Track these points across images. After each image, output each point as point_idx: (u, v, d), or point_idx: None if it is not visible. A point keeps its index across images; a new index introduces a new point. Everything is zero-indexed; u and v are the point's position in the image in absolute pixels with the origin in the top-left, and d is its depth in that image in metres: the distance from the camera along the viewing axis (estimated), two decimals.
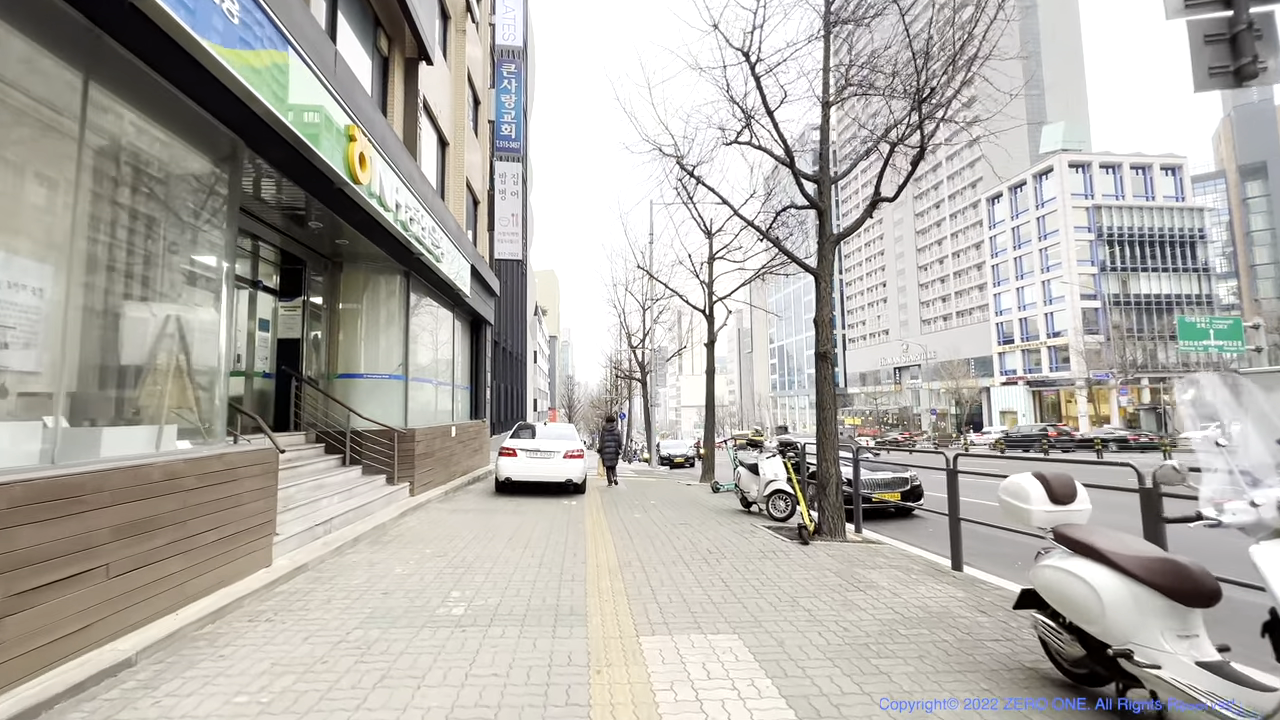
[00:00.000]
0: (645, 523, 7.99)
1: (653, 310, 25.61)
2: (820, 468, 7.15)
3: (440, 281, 10.74)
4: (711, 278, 14.71)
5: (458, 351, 13.64)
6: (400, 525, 7.41)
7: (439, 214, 9.85)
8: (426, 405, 10.91)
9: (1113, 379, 47.36)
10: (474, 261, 12.98)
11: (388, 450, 8.80)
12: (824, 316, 7.45)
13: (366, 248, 8.62)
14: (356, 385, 9.11)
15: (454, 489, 10.89)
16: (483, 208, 16.13)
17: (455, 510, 8.74)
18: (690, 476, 18.13)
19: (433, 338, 11.49)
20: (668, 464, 27.05)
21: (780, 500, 8.12)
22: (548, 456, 10.55)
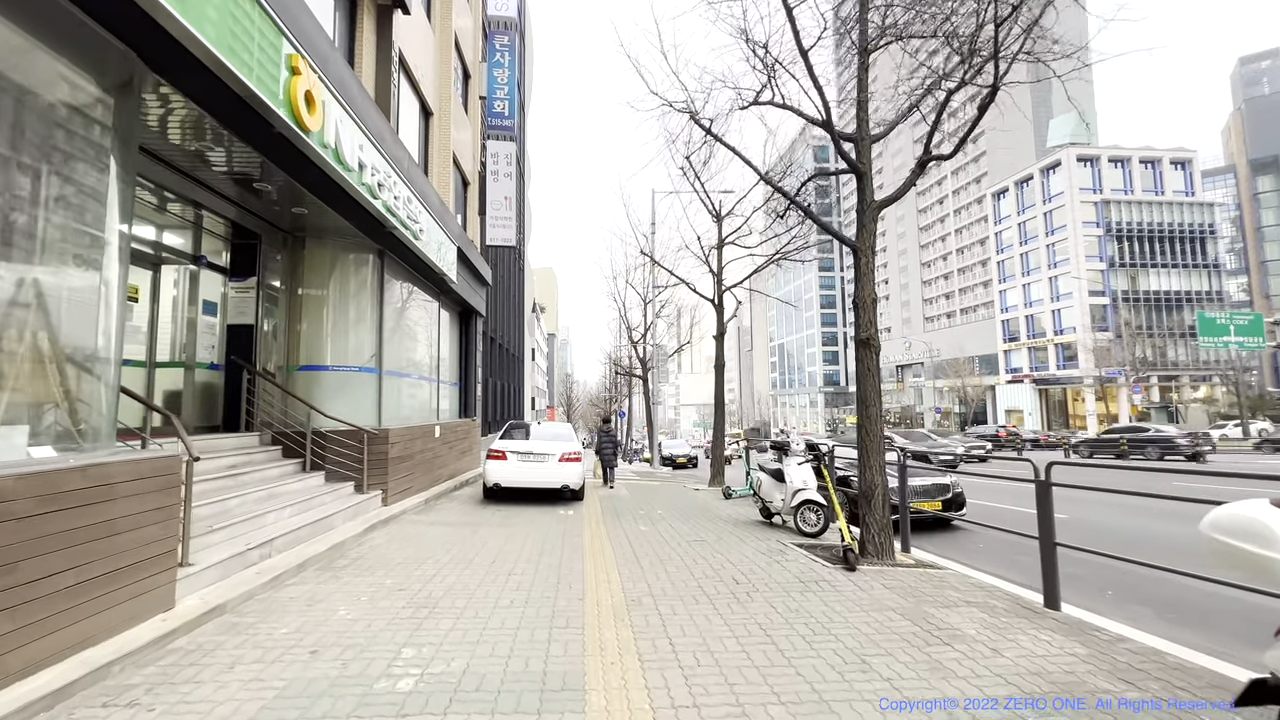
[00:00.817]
0: (654, 538, 6.84)
1: (655, 304, 24.48)
2: (863, 476, 6.01)
3: (421, 264, 9.58)
4: (720, 264, 13.57)
5: (444, 344, 12.49)
6: (364, 544, 6.25)
7: (418, 186, 8.69)
8: (405, 402, 9.75)
9: (1124, 376, 46.25)
10: (462, 245, 11.82)
11: (356, 453, 7.65)
12: (866, 296, 6.31)
13: (332, 220, 7.46)
14: (321, 379, 7.95)
15: (436, 496, 9.73)
16: (473, 190, 14.96)
17: (433, 523, 7.59)
18: (696, 479, 16.98)
19: (413, 327, 10.33)
20: (670, 464, 25.94)
21: (811, 512, 6.98)
22: (541, 460, 9.40)
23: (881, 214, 6.60)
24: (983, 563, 6.33)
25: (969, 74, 6.10)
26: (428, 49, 11.17)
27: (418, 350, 10.59)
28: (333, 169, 5.79)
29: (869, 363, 6.22)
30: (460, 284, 12.36)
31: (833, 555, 5.91)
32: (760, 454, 9.61)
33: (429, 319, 11.37)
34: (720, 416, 13.20)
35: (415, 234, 8.40)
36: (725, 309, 13.80)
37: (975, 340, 68.93)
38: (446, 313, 12.93)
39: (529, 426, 10.80)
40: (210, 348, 7.30)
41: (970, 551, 7.15)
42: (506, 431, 10.29)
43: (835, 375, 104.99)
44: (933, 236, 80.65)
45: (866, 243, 6.43)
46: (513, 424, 10.73)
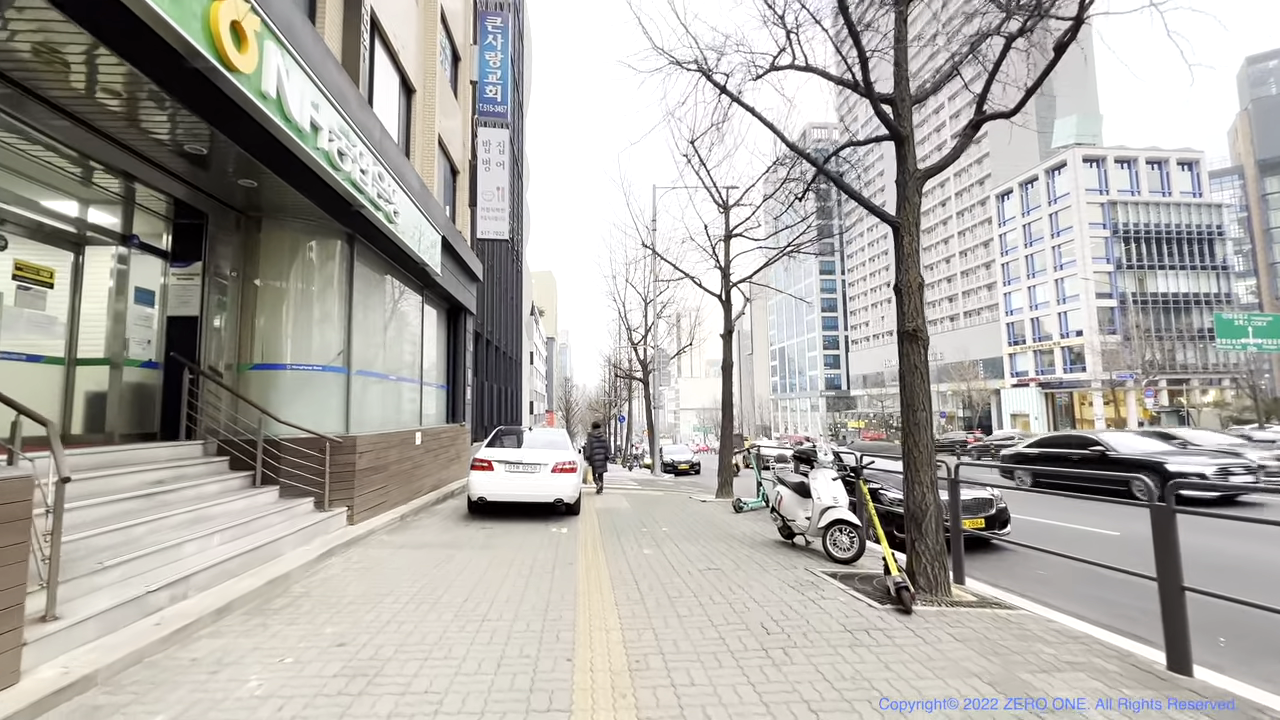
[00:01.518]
0: (659, 565, 5.84)
1: (656, 304, 23.52)
2: (911, 494, 5.01)
3: (399, 253, 8.61)
4: (728, 258, 12.59)
5: (429, 343, 11.50)
6: (314, 574, 5.25)
7: (393, 163, 7.73)
8: (380, 406, 8.76)
9: (1135, 380, 45.29)
10: (448, 235, 10.85)
11: (317, 465, 6.65)
12: (911, 280, 5.33)
13: (291, 199, 6.50)
14: (279, 380, 6.95)
15: (415, 511, 8.72)
16: (463, 179, 14.02)
17: (405, 545, 6.58)
18: (701, 487, 15.96)
19: (392, 324, 9.35)
20: (672, 471, 24.91)
21: (843, 534, 5.98)
22: (532, 470, 8.40)
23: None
24: (1050, 596, 5.34)
25: (1031, 20, 5.14)
26: (409, 20, 10.22)
27: (397, 349, 9.60)
28: (277, 127, 4.83)
29: (915, 358, 5.24)
30: (446, 278, 11.39)
31: (877, 590, 4.92)
32: (778, 465, 8.64)
33: (411, 315, 10.39)
34: (729, 421, 12.21)
35: (389, 216, 7.43)
36: (733, 306, 12.83)
37: (979, 343, 68.03)
38: (433, 309, 11.96)
39: (521, 433, 9.81)
40: (146, 343, 6.31)
41: (1027, 580, 6.16)
42: (495, 438, 9.29)
43: (836, 379, 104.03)
44: (935, 239, 79.79)
45: (910, 218, 5.45)
46: (502, 430, 9.74)
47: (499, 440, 9.20)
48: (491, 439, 9.24)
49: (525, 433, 9.74)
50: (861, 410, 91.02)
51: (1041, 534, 8.62)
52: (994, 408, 65.30)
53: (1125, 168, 56.26)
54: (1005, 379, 63.35)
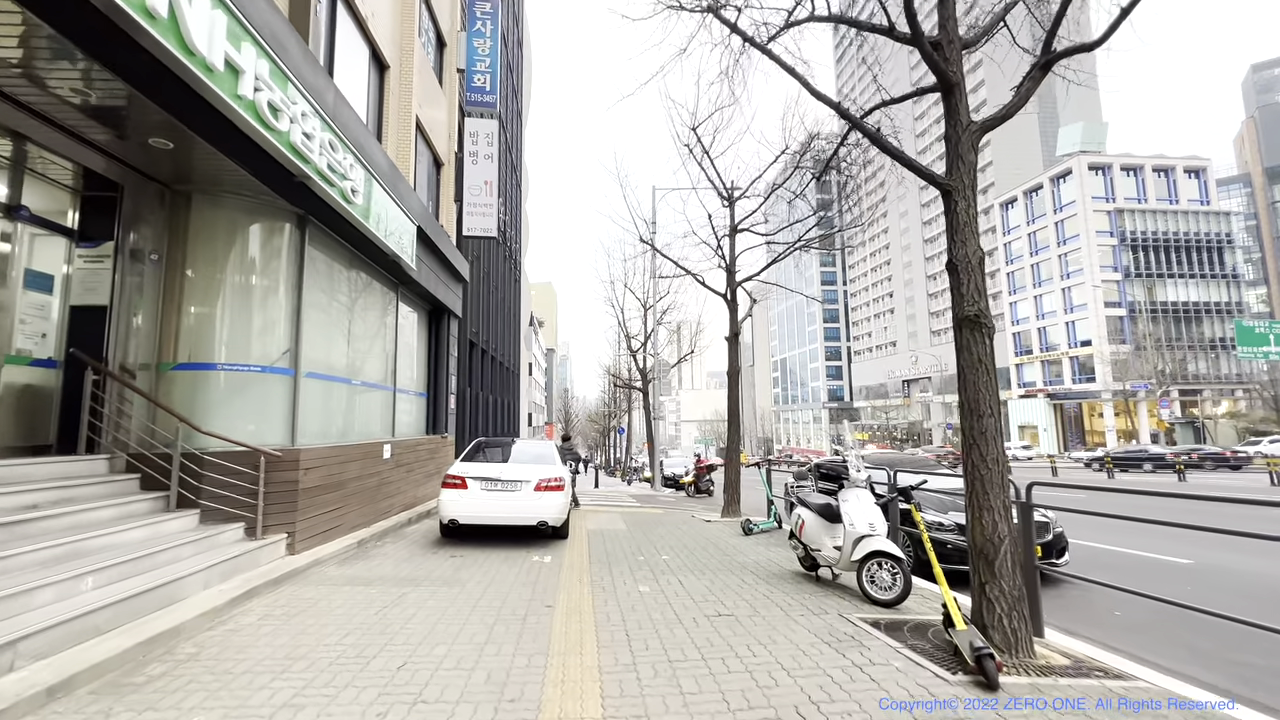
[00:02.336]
0: (658, 610, 4.73)
1: (656, 310, 22.51)
2: (980, 523, 3.93)
3: (365, 242, 7.60)
4: (733, 255, 11.57)
5: (405, 346, 10.45)
6: (216, 628, 4.14)
7: (354, 137, 6.73)
8: (338, 414, 7.69)
9: (1149, 390, 44.12)
10: (426, 227, 9.85)
11: (250, 483, 5.57)
12: (969, 254, 4.29)
13: (226, 169, 5.51)
14: (208, 382, 5.89)
15: (379, 535, 7.62)
16: (448, 173, 13.06)
17: (352, 581, 5.47)
18: (705, 504, 14.81)
19: (356, 322, 8.30)
20: (673, 485, 23.74)
21: (884, 570, 4.88)
22: (512, 489, 7.30)
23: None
24: (1152, 649, 4.25)
25: None
26: None
27: (364, 351, 8.55)
28: (172, 58, 3.82)
29: (978, 350, 4.18)
30: (425, 275, 10.38)
31: (937, 648, 3.81)
32: (799, 481, 7.53)
33: (382, 314, 9.35)
34: (734, 432, 11.12)
35: (345, 195, 6.41)
36: (739, 307, 11.78)
37: None
38: (410, 309, 10.93)
39: (508, 445, 8.70)
40: (41, 337, 5.26)
41: (1106, 624, 5.05)
42: (473, 451, 8.20)
43: (839, 390, 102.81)
44: (939, 248, 79.01)
45: (964, 180, 4.43)
46: (483, 441, 8.64)
47: (477, 453, 8.11)
48: (469, 452, 8.16)
49: (516, 445, 8.64)
50: (865, 422, 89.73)
51: (1096, 561, 7.50)
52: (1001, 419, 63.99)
53: (1131, 175, 55.53)
54: (1012, 390, 62.16)
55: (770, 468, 10.28)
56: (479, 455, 8.02)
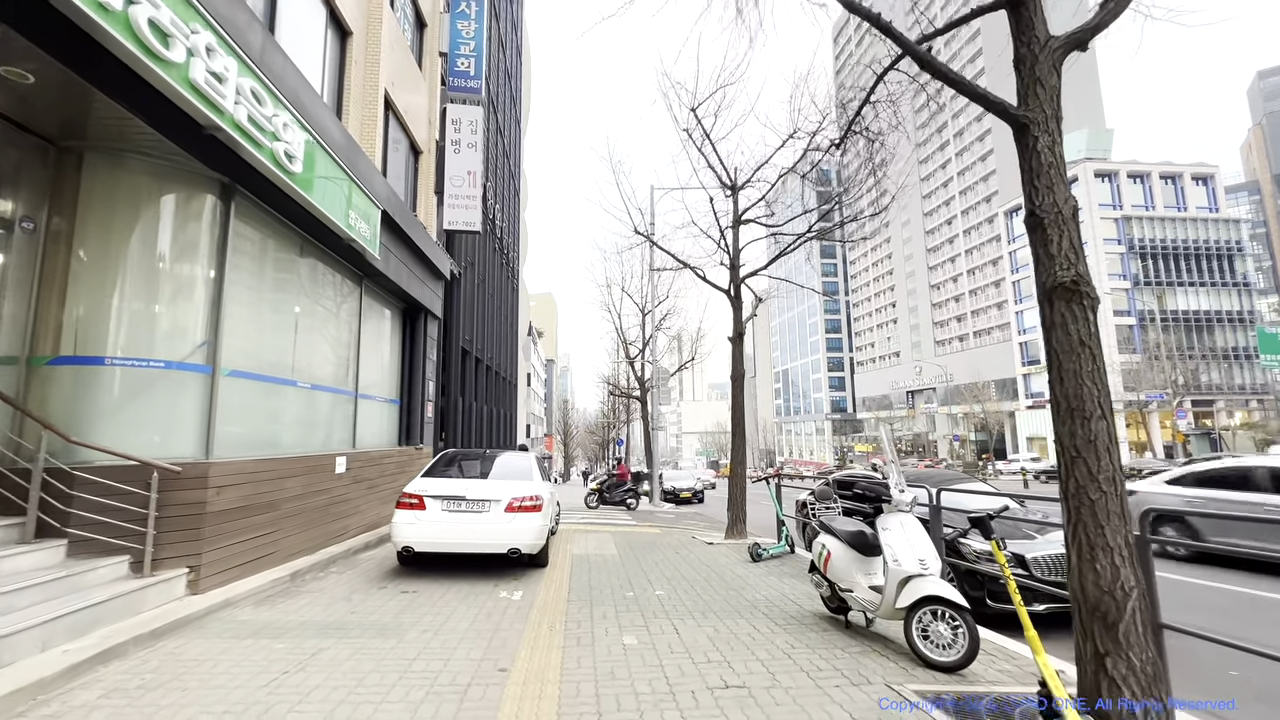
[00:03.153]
0: (645, 677, 3.60)
1: (654, 315, 21.46)
2: (1090, 566, 2.80)
3: (311, 222, 6.55)
4: (736, 248, 10.53)
5: (371, 346, 9.37)
6: (41, 706, 3.02)
7: (291, 91, 5.71)
8: (279, 421, 6.58)
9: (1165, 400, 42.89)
10: (395, 213, 8.83)
11: (140, 505, 4.47)
12: (1058, 203, 3.22)
13: (132, 127, 4.50)
14: (95, 380, 4.80)
15: (325, 564, 6.49)
16: (427, 162, 12.06)
17: (259, 632, 4.33)
18: (705, 521, 13.65)
19: (306, 316, 7.22)
20: (673, 499, 22.53)
21: (941, 621, 3.74)
22: (479, 510, 6.17)
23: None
24: None
25: None
26: None
27: (314, 349, 7.46)
28: None
29: (1079, 329, 3.07)
30: (397, 269, 9.34)
31: None
32: (821, 502, 6.39)
33: (340, 309, 8.28)
34: (740, 441, 9.99)
35: (278, 160, 5.37)
36: (743, 305, 10.71)
37: (991, 364, 65.80)
38: (380, 306, 9.87)
39: (482, 457, 7.56)
40: None
41: (1224, 686, 3.90)
42: (439, 464, 7.07)
43: (842, 402, 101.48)
44: (942, 257, 78.17)
45: (1045, 109, 3.38)
46: (452, 453, 7.49)
47: (443, 468, 6.99)
48: (432, 466, 7.02)
49: (500, 458, 7.48)
50: (868, 433, 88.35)
51: (1192, 601, 6.32)
52: (1007, 431, 62.78)
53: (1138, 182, 54.75)
54: (1020, 400, 60.93)
55: (780, 482, 9.14)
56: (444, 470, 6.89)
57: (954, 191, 75.61)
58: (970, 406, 64.63)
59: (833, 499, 5.42)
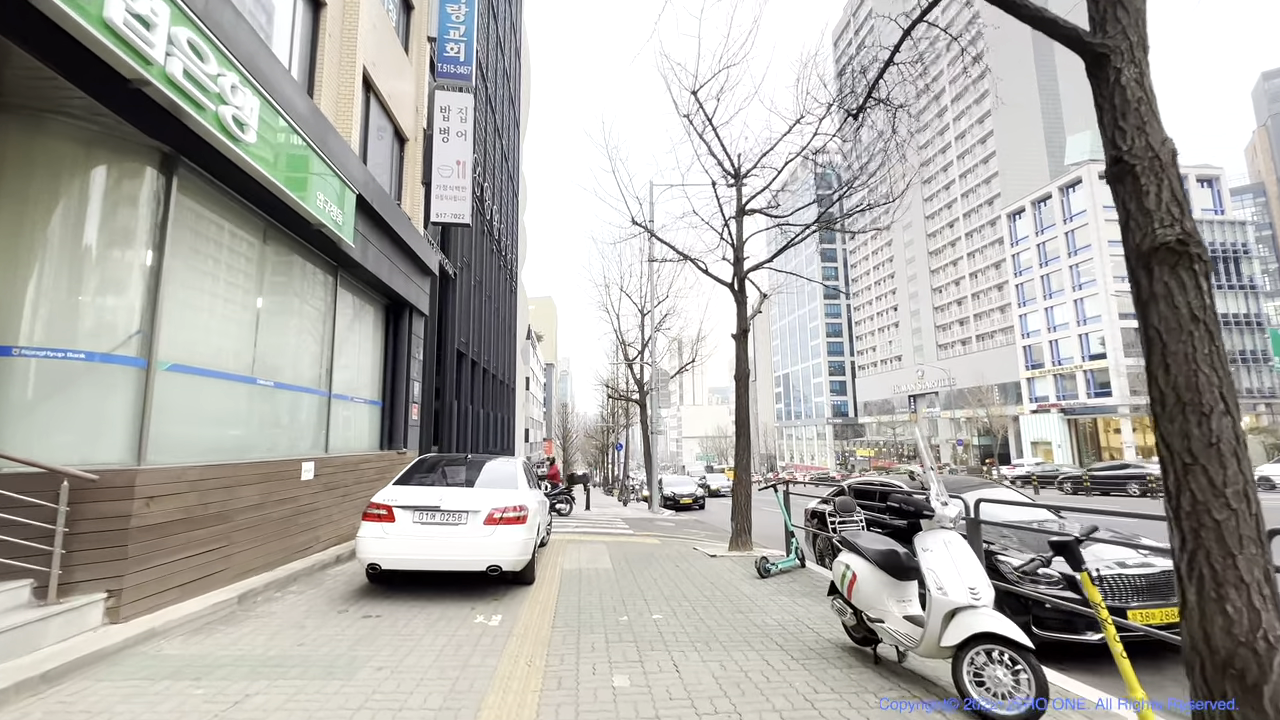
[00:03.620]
0: None
1: (654, 316, 20.82)
2: (1219, 607, 2.13)
3: (272, 202, 5.92)
4: (740, 240, 9.88)
5: (349, 342, 8.72)
6: None
7: (244, 52, 5.09)
8: (235, 423, 5.92)
9: None
10: (374, 199, 8.21)
11: (48, 519, 3.81)
12: (1153, 145, 2.57)
13: (50, 83, 3.88)
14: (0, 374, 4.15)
15: (280, 583, 5.82)
16: (414, 151, 11.44)
17: (180, 672, 3.65)
18: (707, 530, 12.98)
19: (265, 305, 6.56)
20: (673, 506, 21.87)
21: (999, 664, 3.07)
22: (455, 522, 5.51)
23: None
24: None
25: None
26: None
27: (280, 344, 6.81)
28: None
29: (1188, 300, 2.43)
30: (375, 259, 8.70)
31: None
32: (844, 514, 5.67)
33: (311, 301, 7.62)
34: (745, 444, 9.33)
35: (225, 126, 4.74)
36: (747, 300, 10.06)
37: (994, 368, 65.15)
38: (362, 302, 9.23)
39: (463, 462, 6.88)
40: None
41: None
42: (413, 471, 6.40)
43: (843, 406, 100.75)
44: (944, 261, 77.62)
45: (1129, 35, 2.73)
46: (430, 458, 6.83)
47: (419, 474, 6.32)
48: (407, 472, 6.35)
49: (466, 463, 6.82)
50: (870, 438, 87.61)
51: None
52: (1011, 436, 62.05)
53: None
54: (1024, 405, 60.21)
55: (789, 489, 8.47)
56: (419, 477, 6.23)
57: (956, 194, 75.13)
58: (974, 411, 63.93)
59: (855, 511, 4.75)
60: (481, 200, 36.45)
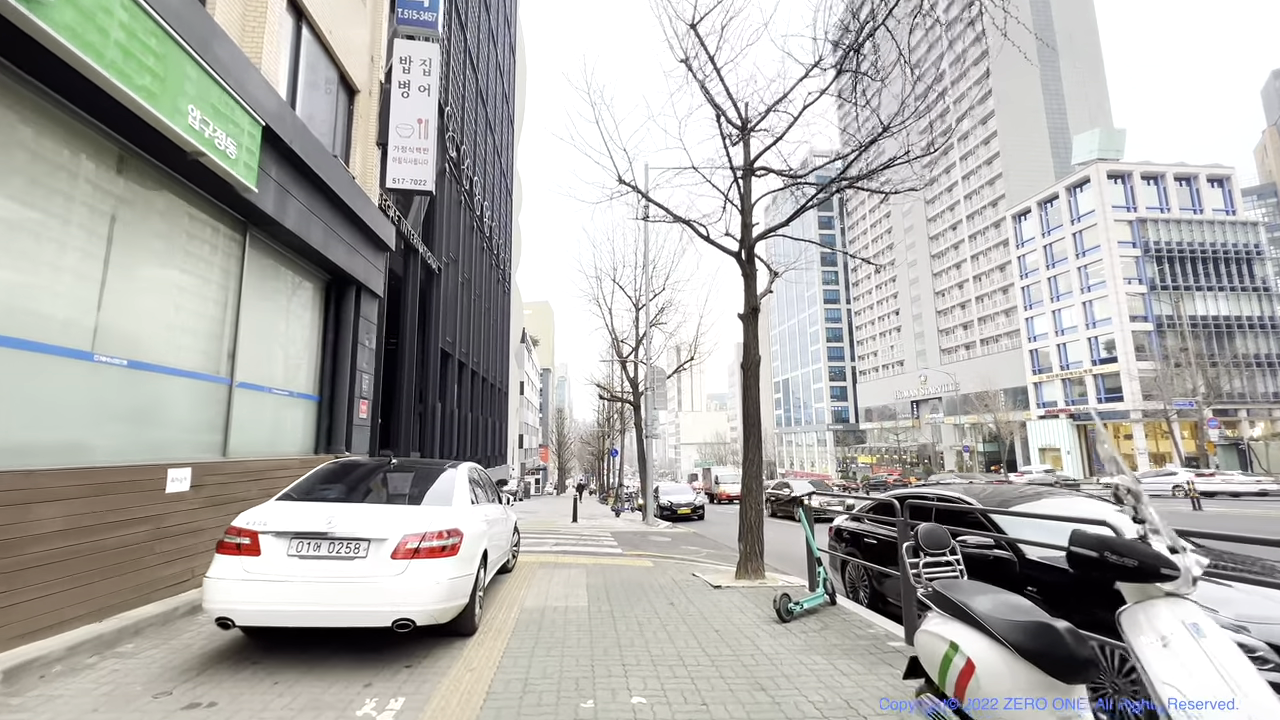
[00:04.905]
0: None
1: (649, 309, 19.17)
2: None
3: (133, 123, 4.27)
4: (748, 202, 8.24)
5: (261, 319, 7.04)
6: None
7: None
8: (55, 413, 4.22)
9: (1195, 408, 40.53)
10: (295, 140, 6.56)
11: None
12: None
13: None
14: None
15: (101, 643, 4.09)
16: (366, 105, 9.81)
17: None
18: (708, 546, 11.27)
19: (116, 255, 4.88)
20: (670, 515, 20.12)
21: None
22: (347, 554, 3.81)
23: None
24: None
25: None
26: None
27: (142, 309, 5.11)
28: None
29: None
30: (300, 217, 7.05)
31: None
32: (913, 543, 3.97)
33: (201, 261, 5.94)
34: (755, 444, 7.65)
35: None
36: (759, 275, 8.41)
37: (1000, 372, 63.54)
38: (290, 273, 7.56)
39: (396, 470, 5.18)
40: None
41: None
42: (309, 482, 4.68)
43: (844, 412, 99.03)
44: (947, 264, 76.20)
45: None
46: (339, 463, 5.12)
47: (316, 485, 4.62)
48: (300, 482, 4.65)
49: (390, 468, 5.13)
50: (872, 444, 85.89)
51: None
52: (1015, 441, 60.38)
53: (1152, 184, 52.86)
54: (1031, 410, 58.58)
55: (811, 499, 6.78)
56: (314, 490, 4.53)
57: (959, 196, 73.81)
58: (980, 416, 62.29)
59: (950, 546, 3.09)
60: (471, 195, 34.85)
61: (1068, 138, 66.67)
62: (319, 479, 4.70)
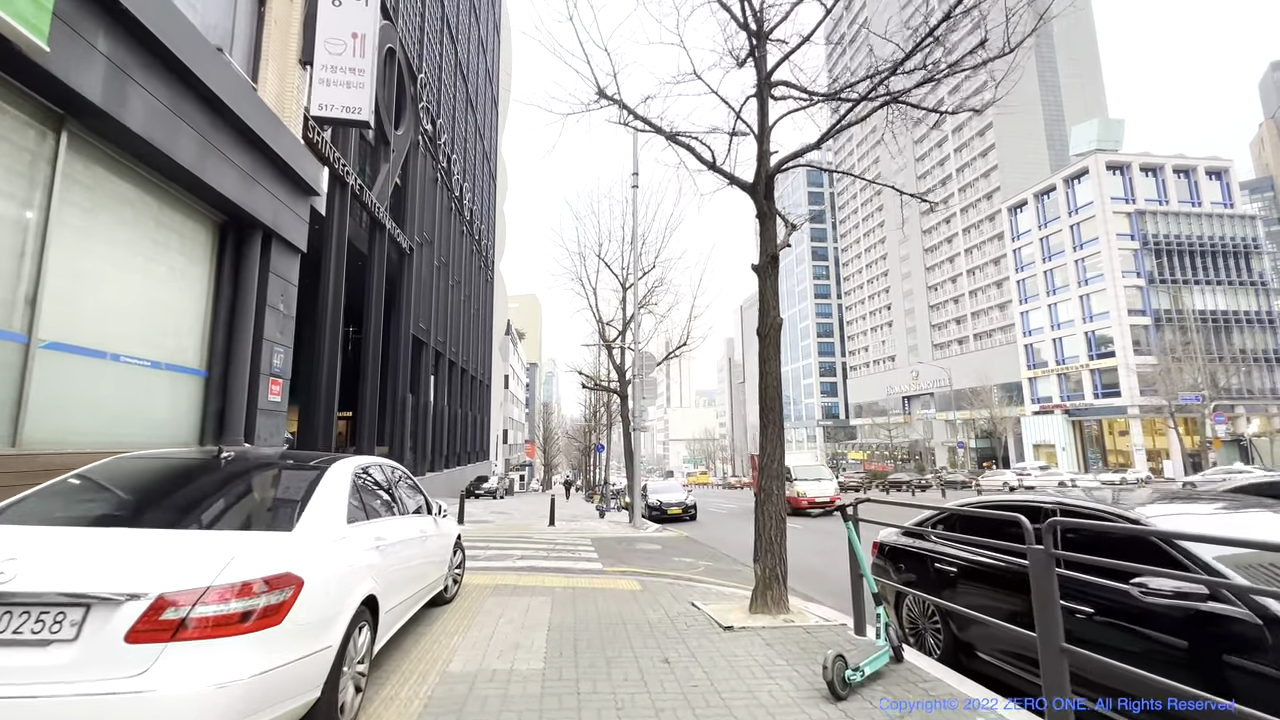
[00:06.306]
0: None
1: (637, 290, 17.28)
2: None
3: None
4: (765, 126, 6.39)
5: (92, 255, 5.09)
6: None
7: None
8: None
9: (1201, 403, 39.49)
10: (145, 16, 4.60)
11: None
12: None
13: None
14: None
15: None
16: (283, 11, 7.84)
17: None
18: (706, 556, 9.46)
19: None
20: (659, 517, 18.30)
21: None
22: (32, 635, 1.92)
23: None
24: None
25: None
26: None
27: None
28: None
29: None
30: (156, 121, 5.09)
31: None
32: None
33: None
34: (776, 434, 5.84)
35: None
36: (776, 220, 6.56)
37: (994, 367, 62.54)
38: (154, 201, 5.59)
39: (216, 470, 3.25)
40: None
41: None
42: (48, 492, 2.78)
43: (834, 408, 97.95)
44: (940, 257, 75.10)
45: None
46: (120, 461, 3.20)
47: (50, 499, 2.72)
48: (29, 495, 2.75)
49: (215, 470, 3.25)
50: (863, 440, 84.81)
51: None
52: (1009, 438, 59.40)
53: (1151, 176, 51.86)
54: (1026, 406, 57.55)
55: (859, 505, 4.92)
56: (50, 505, 2.62)
57: (953, 188, 72.66)
58: (973, 412, 61.21)
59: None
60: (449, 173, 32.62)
61: (1063, 130, 65.71)
62: (71, 488, 2.78)
